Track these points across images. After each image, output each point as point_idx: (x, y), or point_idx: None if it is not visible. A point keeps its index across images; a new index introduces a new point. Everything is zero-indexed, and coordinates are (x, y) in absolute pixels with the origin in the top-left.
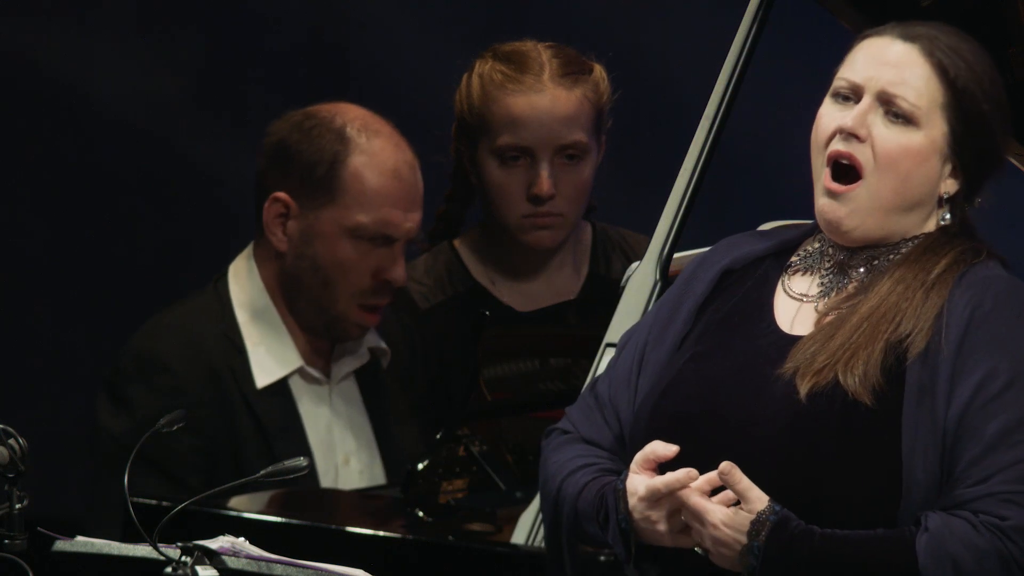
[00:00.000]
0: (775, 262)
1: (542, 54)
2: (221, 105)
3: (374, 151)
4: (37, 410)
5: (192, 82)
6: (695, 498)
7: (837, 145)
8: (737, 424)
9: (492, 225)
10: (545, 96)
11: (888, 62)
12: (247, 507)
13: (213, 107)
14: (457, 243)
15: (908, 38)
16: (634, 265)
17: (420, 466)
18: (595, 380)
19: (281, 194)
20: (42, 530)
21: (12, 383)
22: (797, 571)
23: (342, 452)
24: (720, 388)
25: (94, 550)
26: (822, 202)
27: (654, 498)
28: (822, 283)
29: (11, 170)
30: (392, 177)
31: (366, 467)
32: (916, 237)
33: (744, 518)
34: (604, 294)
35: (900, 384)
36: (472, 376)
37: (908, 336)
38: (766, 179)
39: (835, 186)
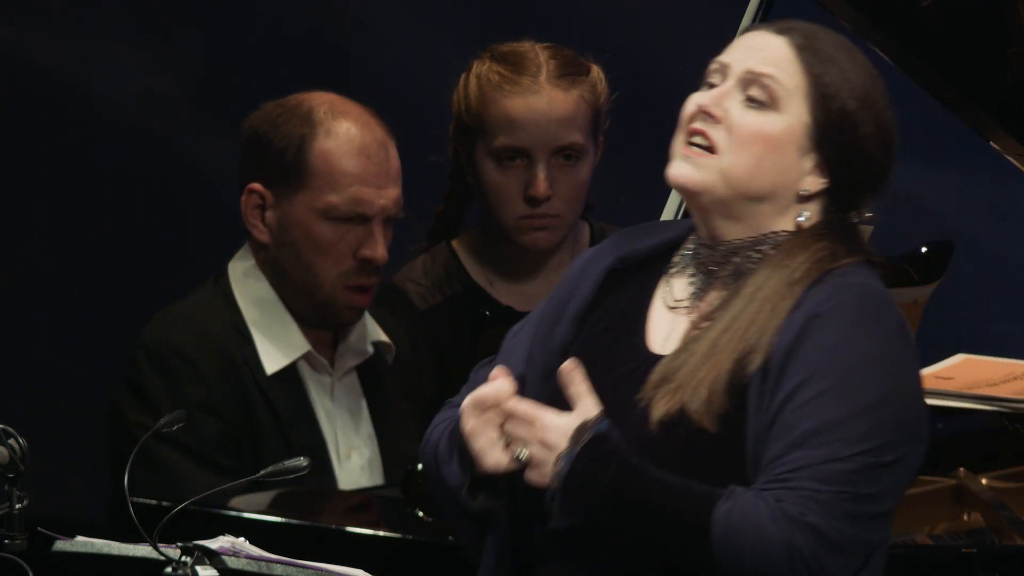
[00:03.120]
0: (659, 263)
1: (539, 55)
2: (221, 105)
3: (340, 131)
4: (37, 410)
5: (192, 82)
6: (525, 404)
7: (694, 123)
8: None
9: (490, 226)
10: (542, 97)
11: (756, 48)
12: (247, 507)
13: (213, 107)
14: (455, 244)
15: (782, 31)
16: None
17: (420, 466)
18: (477, 368)
19: (256, 185)
20: (42, 530)
21: (12, 383)
22: (596, 489)
23: (344, 446)
24: None
25: (94, 550)
26: (672, 165)
27: (481, 407)
28: (693, 287)
29: (11, 170)
30: (360, 155)
31: (367, 462)
32: (778, 236)
33: (573, 421)
34: None
35: (744, 404)
36: None
37: (751, 353)
38: None
39: (689, 151)
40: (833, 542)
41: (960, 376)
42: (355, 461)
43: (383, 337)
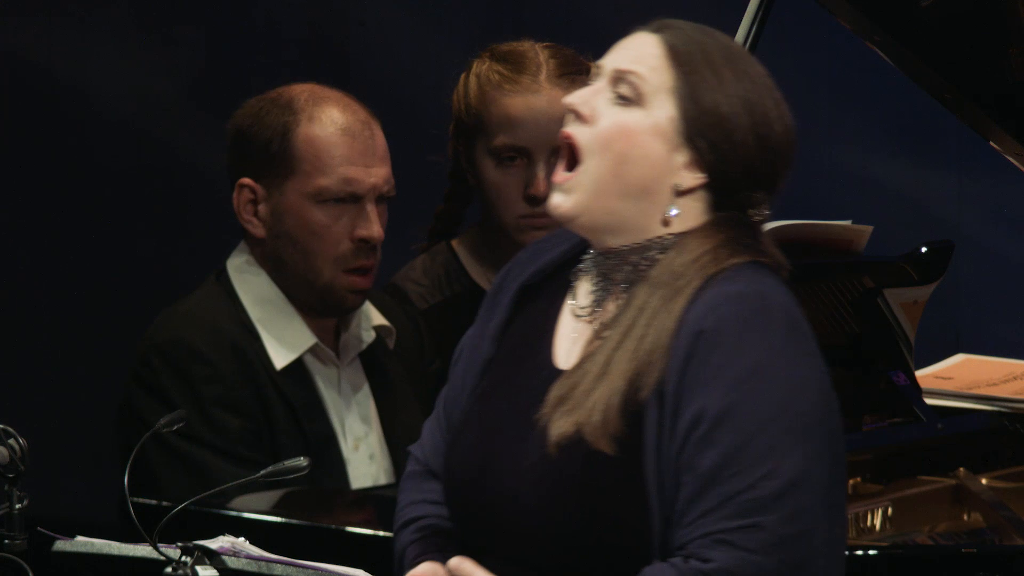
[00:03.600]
0: (567, 271)
1: (539, 54)
2: (221, 105)
3: (323, 116)
4: (37, 410)
5: (192, 82)
6: None
7: (565, 127)
8: (504, 481)
9: (490, 225)
10: (542, 96)
11: (627, 47)
12: (247, 507)
13: (213, 107)
14: (455, 243)
15: (658, 29)
16: None
17: None
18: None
19: (246, 180)
20: (42, 530)
21: (12, 383)
22: None
23: (352, 437)
24: (495, 437)
25: (94, 550)
26: (550, 197)
27: None
28: (594, 295)
29: (11, 170)
30: (344, 135)
31: (375, 453)
32: (663, 240)
33: None
34: None
35: (641, 424)
36: None
37: (644, 370)
38: None
39: (558, 177)
40: None
41: (960, 376)
42: (362, 452)
43: (383, 321)
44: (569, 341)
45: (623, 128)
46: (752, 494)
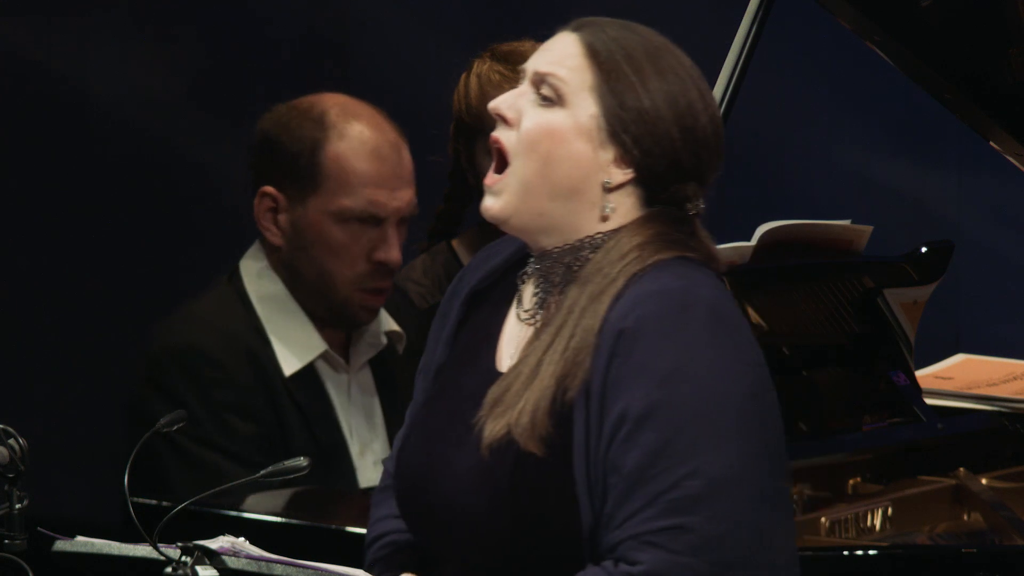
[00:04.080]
0: (514, 274)
1: None
2: (221, 105)
3: (353, 134)
4: (37, 410)
5: (192, 82)
6: None
7: (494, 131)
8: (444, 485)
9: (489, 225)
10: None
11: (548, 49)
12: (247, 507)
13: (213, 107)
14: (455, 243)
15: (577, 28)
16: None
17: None
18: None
19: (269, 188)
20: (42, 530)
21: (12, 383)
22: None
23: (358, 443)
24: (437, 442)
25: (94, 550)
26: (483, 200)
27: None
28: (536, 298)
29: (11, 170)
30: (373, 158)
31: (379, 459)
32: (594, 239)
33: None
34: None
35: (570, 425)
36: None
37: (571, 371)
38: (766, 179)
39: (488, 180)
40: None
41: (960, 376)
42: (368, 458)
43: (395, 326)
44: (512, 345)
45: (546, 128)
46: (675, 494)
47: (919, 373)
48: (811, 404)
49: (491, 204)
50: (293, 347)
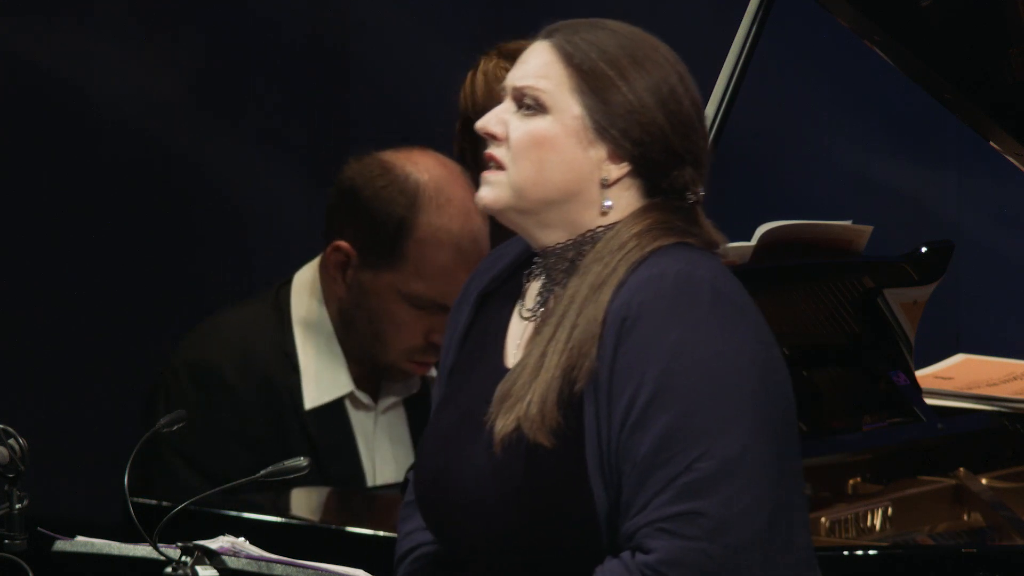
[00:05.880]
0: (520, 275)
1: None
2: (221, 105)
3: (441, 223)
4: (37, 410)
5: (192, 82)
6: None
7: (487, 149)
8: (459, 485)
9: (494, 223)
10: None
11: (523, 61)
12: (247, 507)
13: (213, 107)
14: None
15: (546, 36)
16: None
17: None
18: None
19: (344, 244)
20: (42, 530)
21: (12, 383)
22: None
23: (380, 479)
24: (451, 443)
25: (94, 550)
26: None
27: None
28: (540, 296)
29: (10, 170)
30: (455, 251)
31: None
32: (596, 232)
33: None
34: None
35: (579, 416)
36: None
37: (577, 361)
38: (766, 179)
39: (485, 173)
40: (702, 567)
41: (960, 376)
42: None
43: (431, 371)
44: (517, 342)
45: (534, 136)
46: (688, 477)
47: (919, 373)
48: (811, 404)
49: (485, 194)
50: (320, 381)
